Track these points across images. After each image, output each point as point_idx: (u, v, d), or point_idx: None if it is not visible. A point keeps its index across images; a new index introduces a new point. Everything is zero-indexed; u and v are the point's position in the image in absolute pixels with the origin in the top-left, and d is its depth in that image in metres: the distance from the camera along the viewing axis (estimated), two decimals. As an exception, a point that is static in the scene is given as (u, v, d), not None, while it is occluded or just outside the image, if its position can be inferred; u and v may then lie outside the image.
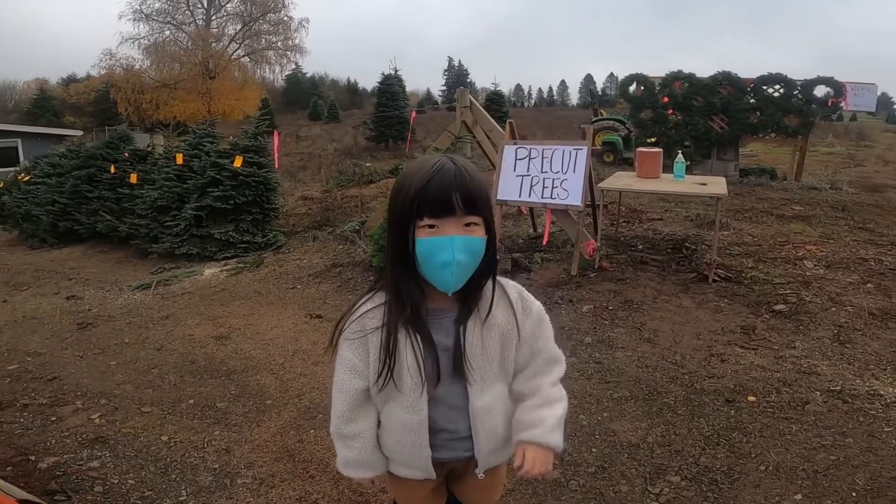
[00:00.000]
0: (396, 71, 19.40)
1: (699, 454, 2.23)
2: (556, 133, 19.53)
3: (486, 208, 1.04)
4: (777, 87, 9.16)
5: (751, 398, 2.62)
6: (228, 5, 34.02)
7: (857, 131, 22.65)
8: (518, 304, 1.13)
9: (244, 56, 34.10)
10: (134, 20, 31.76)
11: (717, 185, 4.51)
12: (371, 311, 1.09)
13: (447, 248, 0.99)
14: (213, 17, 33.92)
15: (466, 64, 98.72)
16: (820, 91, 9.07)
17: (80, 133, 19.73)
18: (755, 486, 2.04)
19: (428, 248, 1.00)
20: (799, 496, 1.97)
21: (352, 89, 58.12)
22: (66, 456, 2.44)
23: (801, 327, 3.40)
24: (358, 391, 1.12)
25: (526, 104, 75.84)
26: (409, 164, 1.10)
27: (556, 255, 4.87)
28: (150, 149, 8.22)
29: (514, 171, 4.49)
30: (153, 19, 31.92)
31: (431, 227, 1.00)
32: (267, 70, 35.85)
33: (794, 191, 8.15)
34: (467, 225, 1.02)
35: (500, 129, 5.09)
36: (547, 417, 1.11)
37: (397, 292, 1.06)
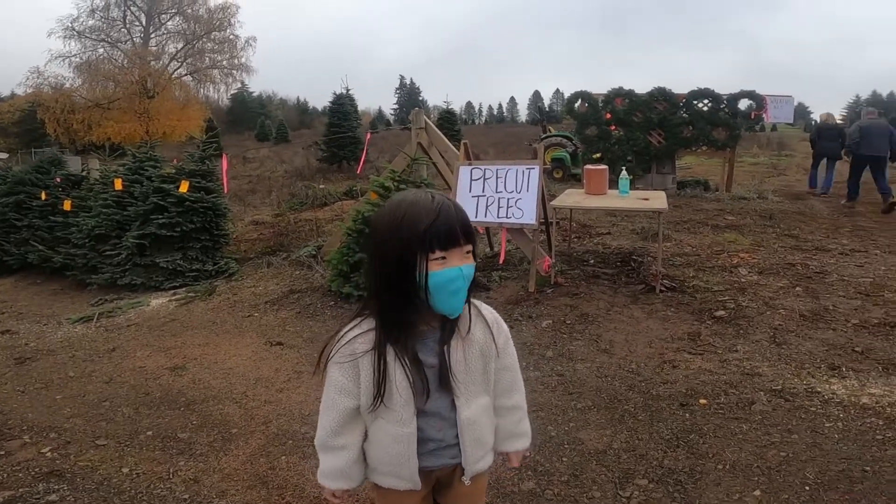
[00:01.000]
0: (348, 90, 19.27)
1: (662, 457, 2.36)
2: (508, 150, 19.96)
3: (474, 238, 1.16)
4: (706, 101, 9.72)
5: (702, 401, 2.79)
6: (170, 23, 33.00)
7: (777, 141, 24.35)
8: (494, 324, 1.26)
9: (186, 75, 33.06)
10: (65, 38, 30.27)
11: (658, 200, 4.78)
12: (360, 337, 1.17)
13: (458, 277, 1.10)
14: (153, 35, 32.78)
15: (418, 82, 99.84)
16: (744, 104, 9.70)
17: (4, 156, 18.47)
18: (716, 485, 2.16)
19: (443, 279, 1.10)
20: (757, 492, 2.11)
21: (301, 109, 57.41)
22: (21, 490, 2.33)
23: (740, 331, 3.64)
24: (348, 409, 1.19)
25: (477, 121, 77.46)
26: (396, 200, 1.15)
27: (514, 272, 5.00)
28: (84, 173, 7.84)
29: (470, 191, 4.61)
30: (86, 37, 30.50)
31: (443, 258, 1.10)
32: (211, 89, 34.86)
33: (726, 201, 8.71)
34: (467, 253, 1.13)
35: (455, 149, 5.21)
36: (527, 430, 1.36)
37: (389, 320, 1.14)
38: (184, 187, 6.03)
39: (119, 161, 7.75)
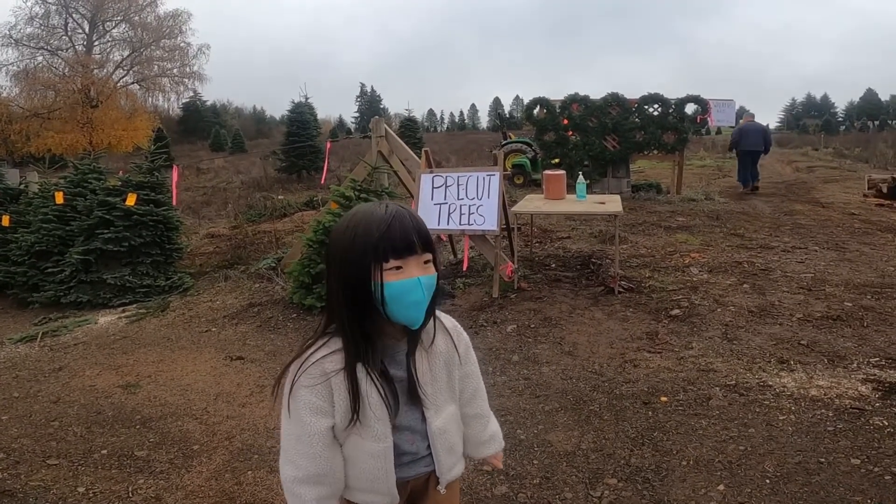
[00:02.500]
0: (307, 98, 18.97)
1: (629, 455, 2.41)
2: (470, 157, 20.09)
3: (434, 246, 1.13)
4: (656, 106, 10.05)
5: (663, 398, 2.87)
6: (115, 31, 31.70)
7: (721, 144, 25.40)
8: (454, 332, 1.25)
9: (133, 83, 31.84)
10: (1, 46, 28.69)
11: (613, 204, 4.93)
12: (329, 356, 1.13)
13: (417, 288, 1.07)
14: (97, 43, 31.42)
15: (379, 90, 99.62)
16: (690, 109, 10.09)
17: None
18: (682, 481, 2.22)
19: (399, 289, 1.06)
20: (721, 487, 2.17)
21: (258, 117, 56.13)
22: (-29, 509, 2.22)
23: (694, 329, 3.78)
24: (328, 430, 1.14)
25: (438, 129, 77.79)
26: (351, 212, 1.13)
27: (477, 279, 5.04)
28: (23, 187, 7.44)
29: (432, 199, 4.62)
30: (24, 45, 28.98)
31: (399, 268, 1.06)
32: (161, 98, 33.68)
33: (677, 203, 9.06)
34: (426, 262, 1.10)
35: (417, 157, 5.21)
36: (494, 432, 1.37)
37: (353, 336, 1.11)
38: (131, 200, 5.80)
39: (60, 174, 7.40)
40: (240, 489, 2.36)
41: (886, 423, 2.51)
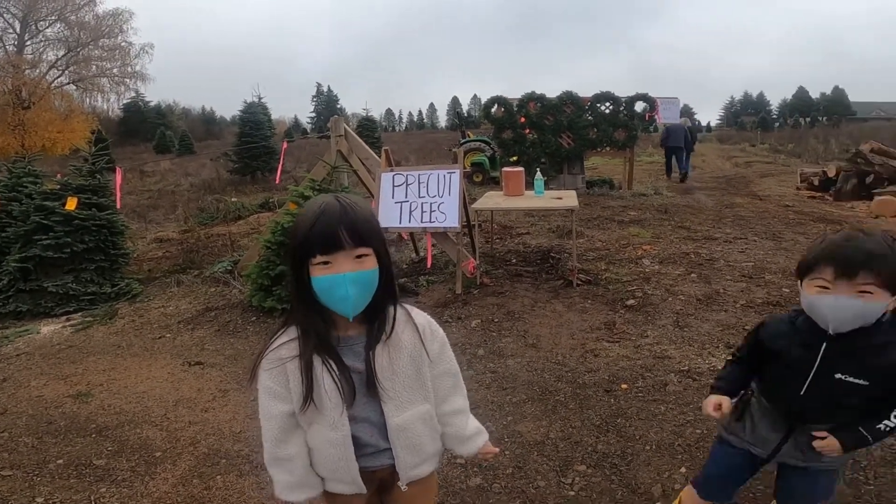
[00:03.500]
0: (260, 98, 18.51)
1: (595, 442, 2.49)
2: (429, 156, 20.06)
3: (375, 240, 1.13)
4: (608, 104, 10.34)
5: (623, 386, 2.99)
6: (49, 30, 29.94)
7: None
8: (425, 330, 1.25)
9: (68, 84, 30.17)
10: (-72, 48, 26.58)
11: (570, 199, 5.05)
12: (286, 344, 1.17)
13: (342, 284, 1.08)
14: (29, 43, 29.60)
15: (336, 89, 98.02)
16: (639, 107, 10.42)
17: None
18: (647, 465, 2.32)
19: (324, 285, 1.09)
20: (683, 469, 2.27)
21: (207, 118, 54.13)
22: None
23: (648, 318, 3.93)
24: (284, 415, 1.18)
25: (397, 128, 77.24)
26: (304, 206, 1.17)
27: (440, 276, 5.07)
28: (-49, 193, 6.94)
29: (393, 197, 4.62)
30: (-48, 46, 27.00)
31: (326, 263, 1.08)
32: (99, 99, 32.11)
33: (628, 198, 9.38)
34: (358, 257, 1.10)
35: (376, 156, 5.18)
36: (476, 427, 1.39)
37: (305, 325, 1.15)
38: (71, 204, 5.50)
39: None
40: (209, 494, 2.31)
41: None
